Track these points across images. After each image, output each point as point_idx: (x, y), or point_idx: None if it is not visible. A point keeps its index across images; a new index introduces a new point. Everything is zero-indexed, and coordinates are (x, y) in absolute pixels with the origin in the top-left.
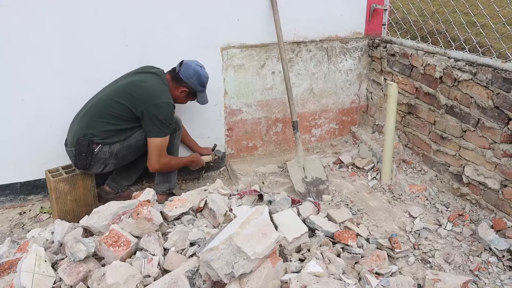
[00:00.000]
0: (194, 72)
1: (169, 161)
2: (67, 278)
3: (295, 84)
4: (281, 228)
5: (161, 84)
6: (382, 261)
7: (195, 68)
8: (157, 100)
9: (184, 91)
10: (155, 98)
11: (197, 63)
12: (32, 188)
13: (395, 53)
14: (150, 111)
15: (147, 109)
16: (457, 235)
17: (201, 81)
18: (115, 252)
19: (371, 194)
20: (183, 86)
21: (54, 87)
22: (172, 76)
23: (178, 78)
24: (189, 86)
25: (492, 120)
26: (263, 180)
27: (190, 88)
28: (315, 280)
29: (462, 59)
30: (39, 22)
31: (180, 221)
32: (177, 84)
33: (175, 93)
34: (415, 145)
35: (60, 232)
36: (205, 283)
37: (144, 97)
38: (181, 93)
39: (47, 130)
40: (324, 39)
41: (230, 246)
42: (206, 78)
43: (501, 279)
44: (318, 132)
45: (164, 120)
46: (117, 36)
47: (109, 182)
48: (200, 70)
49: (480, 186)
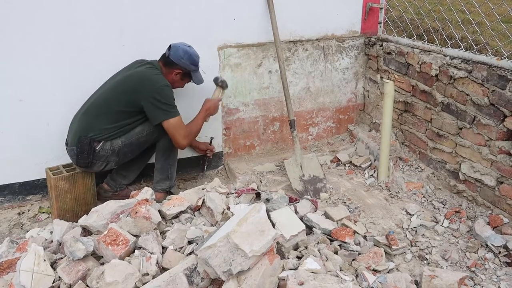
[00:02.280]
0: (184, 52)
1: (190, 129)
2: (66, 277)
3: (292, 83)
4: (278, 226)
5: (154, 70)
6: (379, 258)
7: (184, 48)
8: (155, 85)
9: (178, 73)
10: (152, 84)
11: (185, 44)
12: (30, 188)
13: (391, 51)
14: (152, 97)
15: (148, 97)
16: (454, 232)
17: (193, 60)
18: (113, 251)
19: (368, 192)
20: (176, 68)
21: (51, 87)
22: (164, 61)
23: (170, 61)
24: (182, 67)
25: (488, 117)
26: (260, 178)
27: (183, 69)
28: (312, 277)
29: (457, 56)
30: (36, 22)
31: (178, 220)
32: (170, 68)
33: (170, 77)
34: (412, 142)
35: (59, 232)
36: (203, 281)
37: (141, 86)
38: (176, 75)
39: (45, 130)
40: (321, 38)
41: (228, 244)
42: (197, 56)
43: (497, 275)
44: (315, 131)
45: (167, 101)
46: (114, 36)
47: (108, 180)
48: (189, 49)
49: (477, 183)
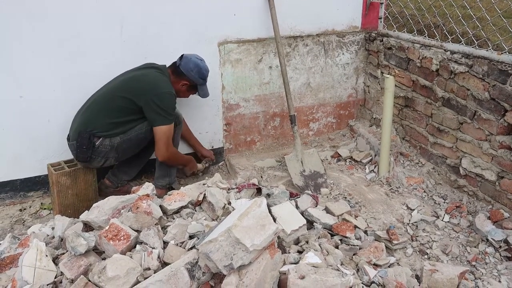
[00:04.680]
0: (194, 65)
1: (176, 151)
2: (68, 272)
3: (292, 79)
4: (279, 221)
5: (162, 76)
6: (380, 253)
7: (196, 61)
8: (159, 90)
9: (185, 84)
10: (157, 88)
11: (197, 57)
12: (32, 184)
13: (391, 47)
14: (153, 101)
15: (149, 99)
16: (455, 227)
17: (202, 74)
18: (115, 246)
19: (369, 187)
20: (184, 79)
21: (51, 83)
22: (173, 70)
23: (179, 71)
24: (190, 79)
25: (489, 112)
26: (261, 174)
27: (191, 81)
28: (313, 271)
29: (458, 51)
30: (36, 18)
31: (179, 215)
32: (178, 77)
33: (177, 87)
34: (413, 138)
35: (60, 227)
36: (205, 275)
37: (146, 87)
38: (182, 86)
39: (46, 126)
40: (321, 33)
41: (229, 238)
42: (207, 71)
43: (498, 269)
44: (316, 126)
45: (167, 108)
46: (115, 32)
47: (109, 176)
48: (200, 63)
49: (477, 177)
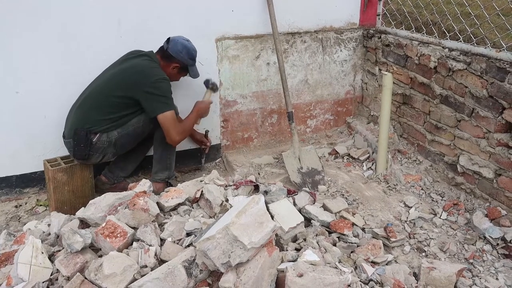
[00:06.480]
0: (182, 47)
1: (184, 126)
2: (64, 269)
3: (290, 75)
4: (277, 218)
5: (152, 62)
6: (377, 250)
7: (183, 43)
8: (152, 78)
9: (176, 67)
10: (149, 77)
11: (183, 38)
12: (28, 181)
13: (389, 44)
14: (149, 91)
15: (145, 91)
16: (452, 224)
17: (191, 55)
18: (111, 243)
19: (366, 184)
20: (174, 62)
21: (48, 79)
22: (161, 54)
23: (168, 55)
24: (180, 61)
25: (487, 110)
26: (259, 171)
27: (181, 63)
28: (311, 269)
29: (456, 49)
30: (33, 14)
31: (176, 212)
32: (168, 61)
33: (168, 71)
34: (410, 135)
35: (56, 224)
36: (202, 273)
37: (139, 80)
38: (173, 69)
39: (42, 122)
40: (319, 30)
41: (227, 236)
42: (195, 51)
43: (495, 267)
44: (314, 123)
45: (164, 94)
46: (112, 27)
47: (106, 172)
48: (187, 43)
49: (475, 175)
